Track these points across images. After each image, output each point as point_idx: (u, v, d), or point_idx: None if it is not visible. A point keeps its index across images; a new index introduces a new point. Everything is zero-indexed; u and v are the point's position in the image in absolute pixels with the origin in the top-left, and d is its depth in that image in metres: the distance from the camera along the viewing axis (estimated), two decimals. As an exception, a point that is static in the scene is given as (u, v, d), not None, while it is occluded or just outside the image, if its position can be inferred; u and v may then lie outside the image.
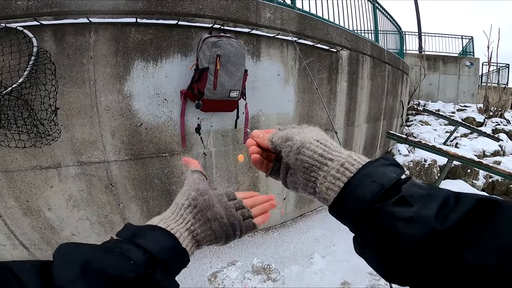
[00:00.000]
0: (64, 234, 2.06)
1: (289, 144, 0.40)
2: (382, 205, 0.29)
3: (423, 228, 0.26)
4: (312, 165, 0.37)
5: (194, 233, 0.43)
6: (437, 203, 0.27)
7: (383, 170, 0.32)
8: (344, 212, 0.34)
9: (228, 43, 1.86)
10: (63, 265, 0.30)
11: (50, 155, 1.82)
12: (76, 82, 1.75)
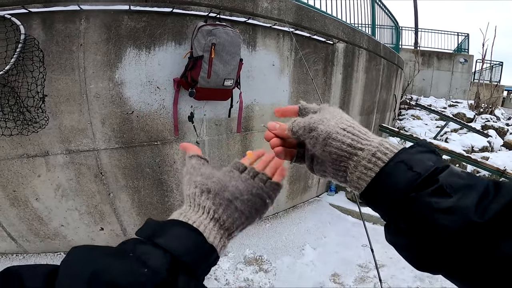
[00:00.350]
0: (52, 225, 2.02)
1: (314, 135, 0.37)
2: (418, 195, 0.28)
3: (461, 220, 0.25)
4: (341, 156, 0.35)
5: (220, 221, 0.37)
6: (477, 194, 0.26)
7: (419, 158, 0.30)
8: (376, 201, 0.33)
9: (224, 31, 1.81)
10: (68, 276, 0.26)
11: (38, 143, 1.77)
12: (65, 69, 1.69)
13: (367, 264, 2.27)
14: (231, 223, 0.37)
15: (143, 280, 0.26)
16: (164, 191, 2.24)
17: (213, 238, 0.35)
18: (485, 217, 0.24)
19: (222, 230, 0.37)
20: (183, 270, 0.30)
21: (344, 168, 0.35)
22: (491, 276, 0.24)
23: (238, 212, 0.38)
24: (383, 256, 2.36)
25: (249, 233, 2.60)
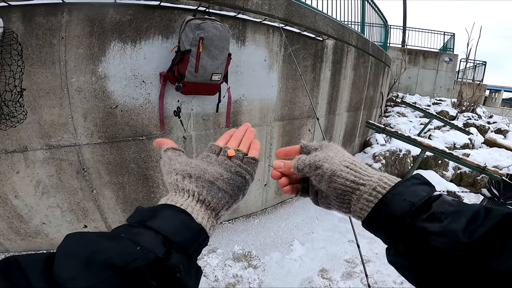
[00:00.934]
0: (33, 223, 1.95)
1: (320, 173, 0.41)
2: (413, 221, 0.32)
3: (451, 242, 0.28)
4: (345, 191, 0.39)
5: (205, 202, 0.39)
6: (465, 218, 0.29)
7: (413, 189, 0.35)
8: (376, 227, 0.37)
9: (213, 26, 1.77)
10: (64, 259, 0.26)
11: (16, 138, 1.69)
12: (45, 63, 1.61)
13: (354, 260, 2.31)
14: (216, 203, 0.39)
15: (137, 257, 0.27)
16: (150, 187, 2.20)
17: (201, 219, 0.37)
18: (473, 238, 0.28)
19: (209, 210, 0.39)
20: (176, 249, 0.31)
21: (348, 200, 0.39)
22: None
23: (221, 191, 0.40)
24: (369, 252, 2.41)
25: (238, 229, 2.59)
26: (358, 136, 4.72)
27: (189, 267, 0.31)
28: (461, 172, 4.43)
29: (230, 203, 0.41)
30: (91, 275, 0.25)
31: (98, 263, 0.26)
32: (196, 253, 0.35)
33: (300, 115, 3.02)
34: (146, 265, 0.27)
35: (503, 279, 0.25)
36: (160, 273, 0.28)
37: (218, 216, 0.40)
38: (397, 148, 3.85)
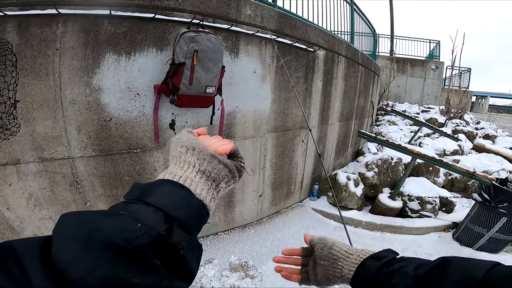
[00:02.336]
0: (25, 234, 1.92)
1: (324, 242, 0.60)
2: (380, 272, 0.47)
3: (403, 277, 0.42)
4: (339, 258, 0.56)
5: (206, 172, 0.39)
6: (414, 265, 0.43)
7: (383, 254, 0.51)
8: (359, 282, 0.50)
9: (206, 38, 1.81)
10: (62, 242, 0.25)
11: (9, 151, 1.68)
12: (39, 74, 1.62)
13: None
14: (217, 173, 0.40)
15: (138, 235, 0.26)
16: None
17: (201, 190, 0.37)
18: (419, 274, 0.42)
19: (209, 181, 0.39)
20: (177, 225, 0.30)
21: (340, 267, 0.55)
22: None
23: (222, 164, 0.41)
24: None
25: (234, 240, 2.59)
26: (351, 146, 4.80)
27: (191, 243, 0.31)
28: (452, 178, 4.53)
29: (229, 177, 0.42)
30: (91, 257, 0.24)
31: (98, 243, 0.24)
32: (197, 230, 0.35)
33: (293, 126, 3.07)
34: (149, 242, 0.26)
35: None
36: (163, 250, 0.27)
37: (219, 188, 0.41)
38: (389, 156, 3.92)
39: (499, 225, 2.57)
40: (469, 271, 0.35)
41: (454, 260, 0.39)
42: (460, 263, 0.38)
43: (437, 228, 3.12)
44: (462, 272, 0.36)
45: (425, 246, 2.80)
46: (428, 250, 2.72)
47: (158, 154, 2.14)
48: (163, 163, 2.19)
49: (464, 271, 0.36)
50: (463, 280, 0.35)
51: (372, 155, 4.53)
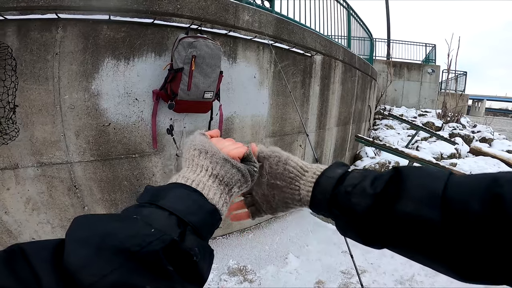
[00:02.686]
0: (23, 238, 1.92)
1: (278, 156, 0.49)
2: (337, 190, 0.42)
3: (363, 195, 0.38)
4: (296, 175, 0.47)
5: (219, 176, 0.39)
6: (370, 179, 0.39)
7: (334, 170, 0.45)
8: (319, 205, 0.44)
9: (205, 44, 1.84)
10: (75, 245, 0.25)
11: (7, 155, 1.69)
12: (39, 79, 1.64)
13: (350, 270, 2.34)
14: (230, 178, 0.40)
15: (151, 240, 0.26)
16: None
17: (213, 195, 0.37)
18: (377, 189, 0.37)
19: (222, 185, 0.39)
20: (190, 230, 0.30)
21: (298, 187, 0.47)
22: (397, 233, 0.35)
23: (235, 168, 0.41)
24: (364, 262, 2.45)
25: (232, 244, 2.59)
26: (348, 150, 4.83)
27: (204, 249, 0.31)
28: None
29: (242, 181, 0.42)
30: (104, 261, 0.24)
31: (111, 248, 0.24)
32: (210, 235, 0.35)
33: (291, 131, 3.10)
34: (162, 248, 0.26)
35: (410, 217, 0.33)
36: (176, 256, 0.27)
37: (231, 192, 0.41)
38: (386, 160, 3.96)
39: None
40: (428, 185, 0.34)
41: (409, 173, 0.36)
42: (416, 175, 0.36)
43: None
44: (421, 186, 0.34)
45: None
46: (426, 254, 2.73)
47: (157, 159, 2.15)
48: (161, 168, 2.20)
49: (423, 185, 0.34)
50: (426, 196, 0.33)
51: (370, 159, 4.56)
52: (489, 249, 0.29)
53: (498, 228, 0.28)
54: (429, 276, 2.35)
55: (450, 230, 0.31)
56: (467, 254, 0.30)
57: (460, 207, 0.31)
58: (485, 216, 0.29)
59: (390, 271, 2.38)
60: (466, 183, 0.32)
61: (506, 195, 0.28)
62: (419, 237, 0.33)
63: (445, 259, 0.32)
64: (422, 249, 0.34)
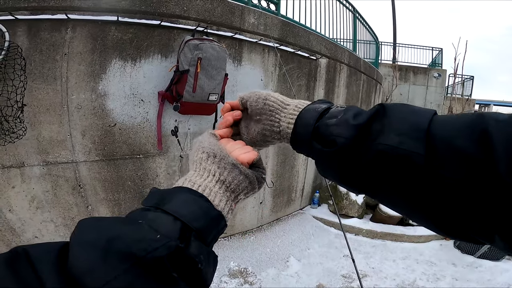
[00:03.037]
0: (26, 236, 1.95)
1: (257, 94, 0.49)
2: (319, 122, 0.41)
3: (345, 126, 0.37)
4: (276, 108, 0.47)
5: (226, 183, 0.39)
6: (353, 112, 0.38)
7: (318, 105, 0.44)
8: (301, 138, 0.43)
9: (210, 46, 1.86)
10: (80, 249, 0.25)
11: (14, 154, 1.72)
12: (47, 79, 1.67)
13: (350, 275, 2.35)
14: (237, 184, 0.39)
15: (157, 246, 0.26)
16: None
17: (219, 201, 0.37)
18: (360, 122, 0.35)
19: (228, 192, 0.39)
20: (194, 236, 0.30)
21: (278, 119, 0.46)
22: (378, 171, 0.33)
23: (243, 175, 0.40)
24: (365, 266, 2.45)
25: (234, 246, 2.60)
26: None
27: (208, 256, 0.31)
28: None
29: (249, 188, 0.41)
30: (109, 266, 0.24)
31: (116, 252, 0.24)
32: (214, 241, 0.34)
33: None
34: (167, 254, 0.26)
35: (393, 151, 0.31)
36: (181, 263, 0.27)
37: (237, 199, 0.40)
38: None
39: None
40: (413, 120, 0.33)
41: (395, 109, 0.35)
42: (401, 111, 0.35)
43: (438, 236, 3.12)
44: (406, 120, 0.33)
45: (426, 253, 2.81)
46: (429, 258, 2.74)
47: (161, 160, 2.17)
48: (165, 169, 2.22)
49: (408, 120, 0.33)
50: (409, 129, 0.32)
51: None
52: (475, 194, 0.27)
53: (485, 167, 0.26)
54: (431, 281, 2.35)
55: (433, 168, 0.29)
56: (450, 199, 0.28)
57: (444, 144, 0.29)
58: (471, 154, 0.27)
59: (391, 276, 2.38)
60: (451, 121, 0.31)
61: (492, 129, 0.27)
62: (401, 175, 0.31)
63: (425, 204, 0.31)
64: (402, 192, 0.32)
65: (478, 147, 0.27)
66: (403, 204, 0.34)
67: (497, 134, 0.26)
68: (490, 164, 0.26)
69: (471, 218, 0.28)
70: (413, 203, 0.32)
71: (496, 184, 0.25)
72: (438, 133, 0.30)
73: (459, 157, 0.28)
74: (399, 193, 0.33)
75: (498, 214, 0.25)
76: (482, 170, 0.26)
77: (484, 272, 2.54)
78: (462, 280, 2.43)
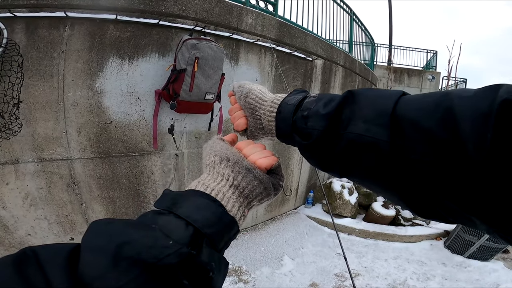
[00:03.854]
0: (18, 233, 1.95)
1: (241, 90, 0.51)
2: (296, 115, 0.42)
3: (316, 117, 0.38)
4: (255, 106, 0.49)
5: (239, 188, 0.38)
6: (323, 101, 0.39)
7: (293, 97, 0.44)
8: (283, 132, 0.44)
9: (208, 46, 1.89)
10: (90, 253, 0.25)
11: (8, 150, 1.72)
12: (44, 76, 1.68)
13: (343, 274, 2.40)
14: (250, 190, 0.38)
15: (169, 253, 0.26)
16: (140, 202, 2.24)
17: (231, 207, 0.36)
18: (328, 111, 0.37)
19: (241, 198, 0.38)
20: (206, 242, 0.30)
21: (259, 117, 0.48)
22: (351, 157, 0.34)
23: (257, 180, 0.39)
24: (358, 265, 2.51)
25: (227, 245, 2.64)
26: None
27: (219, 263, 0.30)
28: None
29: (263, 194, 0.40)
30: (119, 273, 0.23)
31: (127, 258, 0.24)
32: (225, 247, 0.34)
33: (290, 132, 3.15)
34: (178, 262, 0.26)
35: (361, 138, 0.32)
36: (192, 271, 0.27)
37: (250, 205, 0.40)
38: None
39: (489, 233, 2.68)
40: (379, 105, 0.33)
41: (362, 94, 0.36)
42: (367, 96, 0.35)
43: (429, 236, 3.22)
44: (372, 107, 0.33)
45: (417, 253, 2.89)
46: (420, 258, 2.81)
47: (156, 158, 2.20)
48: (160, 167, 2.25)
49: (373, 105, 0.34)
50: (374, 115, 0.32)
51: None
52: (447, 175, 0.26)
53: (453, 148, 0.25)
54: (421, 280, 2.42)
55: (401, 152, 0.29)
56: (421, 181, 0.28)
57: (412, 126, 0.29)
58: (438, 135, 0.26)
59: (383, 275, 2.44)
60: (418, 101, 0.31)
61: (456, 107, 0.26)
62: (370, 161, 0.32)
63: (397, 187, 0.31)
64: (374, 176, 0.33)
65: (444, 127, 0.26)
66: (376, 188, 0.35)
67: (461, 112, 0.26)
68: (457, 144, 0.25)
69: (445, 200, 0.27)
70: (385, 186, 0.32)
71: (466, 164, 0.24)
72: (405, 114, 0.30)
73: (426, 139, 0.27)
74: (371, 177, 0.34)
75: (474, 195, 0.25)
76: (450, 150, 0.25)
77: (473, 272, 2.63)
78: (451, 279, 2.50)
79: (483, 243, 2.74)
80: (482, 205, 0.24)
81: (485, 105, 0.24)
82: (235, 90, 0.53)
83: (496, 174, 0.23)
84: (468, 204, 0.25)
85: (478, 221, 0.26)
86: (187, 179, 2.41)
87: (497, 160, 0.22)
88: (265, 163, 0.41)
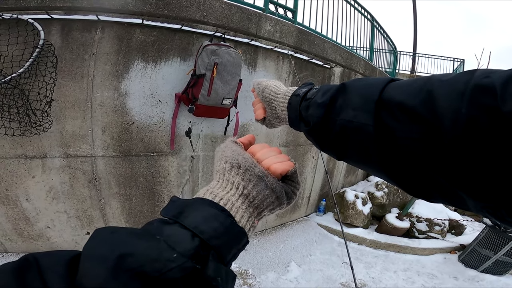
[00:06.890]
0: (38, 226, 2.11)
1: (259, 86, 0.63)
2: (301, 106, 0.50)
3: (315, 106, 0.45)
4: (271, 98, 0.59)
5: (249, 197, 0.37)
6: (321, 92, 0.46)
7: (301, 89, 0.53)
8: (293, 120, 0.53)
9: (227, 52, 2.02)
10: (91, 263, 0.25)
11: (37, 145, 1.90)
12: (75, 77, 1.85)
13: (349, 283, 2.45)
14: (261, 200, 0.37)
15: (172, 267, 0.25)
16: (155, 201, 2.38)
17: (240, 217, 0.35)
18: (324, 99, 0.44)
19: (251, 208, 0.37)
20: (213, 255, 0.29)
21: (274, 107, 0.59)
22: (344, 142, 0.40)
23: (269, 189, 0.38)
24: (366, 276, 2.56)
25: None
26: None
27: (226, 277, 0.29)
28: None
29: (275, 204, 0.39)
30: (119, 284, 0.23)
31: (128, 270, 0.24)
32: (233, 259, 0.33)
33: (305, 141, 3.24)
34: (182, 276, 0.25)
35: (350, 124, 0.37)
36: (196, 285, 0.27)
37: (260, 216, 0.38)
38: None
39: (507, 248, 2.70)
40: (366, 93, 0.37)
41: (353, 84, 0.41)
42: (357, 86, 0.40)
43: (443, 249, 3.22)
44: (360, 95, 0.37)
45: (429, 266, 2.90)
46: (431, 271, 2.83)
47: (173, 159, 2.34)
48: (176, 168, 2.39)
49: (361, 94, 0.37)
50: (362, 102, 0.36)
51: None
52: (431, 152, 0.28)
53: (433, 126, 0.28)
54: (430, 295, 2.44)
55: (386, 132, 0.33)
56: (409, 159, 0.31)
57: (396, 106, 0.32)
58: (421, 113, 0.29)
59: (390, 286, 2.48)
60: (405, 85, 0.34)
61: (436, 89, 0.29)
62: (359, 144, 0.37)
63: (385, 166, 0.35)
64: (365, 157, 0.37)
65: (425, 106, 0.29)
66: (369, 168, 0.39)
67: (439, 92, 0.28)
68: (436, 120, 0.28)
69: (433, 174, 0.29)
70: (376, 166, 0.36)
71: (446, 138, 0.26)
72: (393, 97, 0.33)
73: (411, 118, 0.30)
74: (363, 159, 0.38)
75: (458, 168, 0.26)
76: (431, 127, 0.28)
77: (485, 286, 2.62)
78: (462, 294, 2.52)
79: (499, 258, 2.75)
80: (466, 178, 0.26)
81: (461, 85, 0.27)
82: (255, 86, 0.65)
83: (473, 147, 0.25)
84: (454, 177, 0.27)
85: (466, 195, 0.27)
86: (201, 181, 2.54)
87: (473, 134, 0.24)
88: (280, 169, 0.40)
